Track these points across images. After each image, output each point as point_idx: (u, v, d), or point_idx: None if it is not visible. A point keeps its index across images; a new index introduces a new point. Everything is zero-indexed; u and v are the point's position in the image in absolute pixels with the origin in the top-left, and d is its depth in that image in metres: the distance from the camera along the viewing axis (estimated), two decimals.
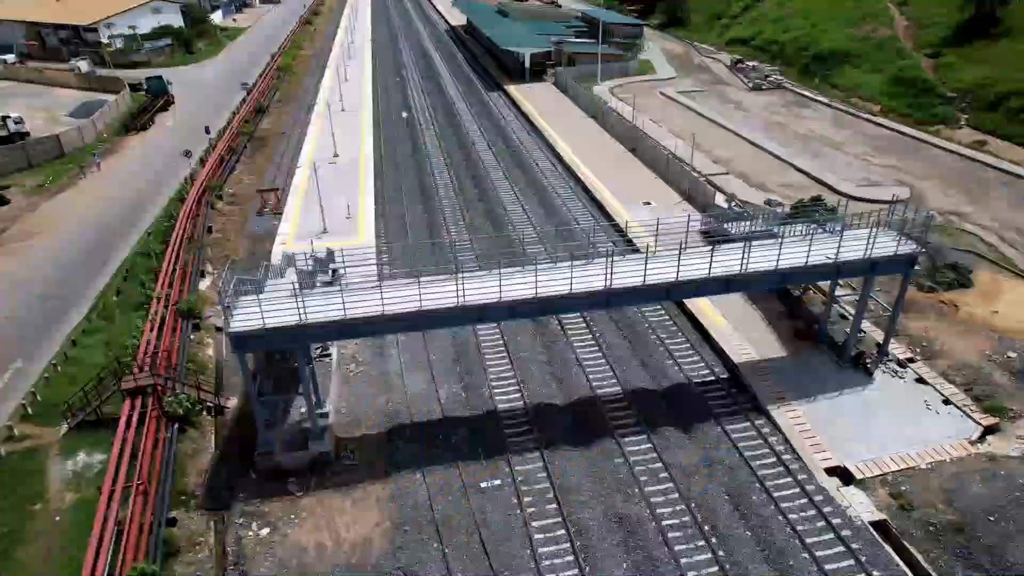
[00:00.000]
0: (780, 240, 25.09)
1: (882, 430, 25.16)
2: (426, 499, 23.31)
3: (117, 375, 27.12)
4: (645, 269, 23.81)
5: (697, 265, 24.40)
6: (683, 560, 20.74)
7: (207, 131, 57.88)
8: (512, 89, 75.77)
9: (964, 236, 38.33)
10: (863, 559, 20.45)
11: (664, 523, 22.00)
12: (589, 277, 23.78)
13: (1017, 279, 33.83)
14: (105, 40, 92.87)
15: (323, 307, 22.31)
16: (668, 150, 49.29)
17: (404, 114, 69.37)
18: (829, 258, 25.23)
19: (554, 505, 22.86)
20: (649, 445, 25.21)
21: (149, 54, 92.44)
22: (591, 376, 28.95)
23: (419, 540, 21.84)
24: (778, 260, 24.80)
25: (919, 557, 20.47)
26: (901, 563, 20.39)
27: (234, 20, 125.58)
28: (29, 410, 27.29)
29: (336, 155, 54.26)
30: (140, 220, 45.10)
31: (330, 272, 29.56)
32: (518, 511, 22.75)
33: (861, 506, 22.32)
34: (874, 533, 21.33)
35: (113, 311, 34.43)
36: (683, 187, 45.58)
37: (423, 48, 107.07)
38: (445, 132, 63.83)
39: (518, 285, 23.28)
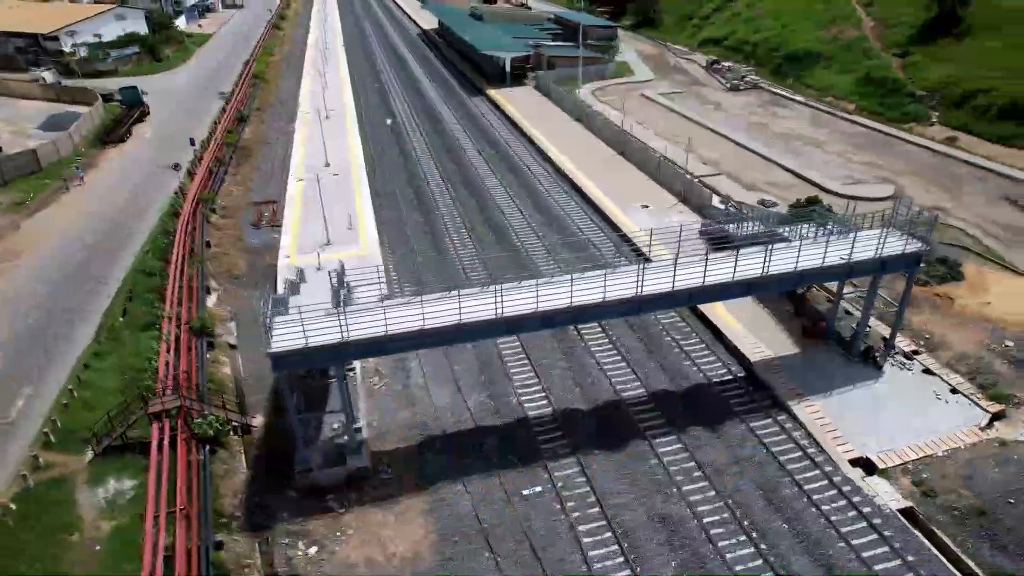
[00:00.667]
0: (799, 243, 26.12)
1: (896, 421, 26.40)
2: (469, 509, 23.66)
3: (143, 399, 26.75)
4: (674, 276, 24.55)
5: (721, 270, 25.25)
6: (728, 556, 21.57)
7: (192, 143, 56.85)
8: (494, 93, 76.12)
9: (948, 230, 40.14)
10: (896, 546, 21.55)
11: (705, 520, 22.79)
12: (619, 285, 24.38)
13: (1002, 271, 35.67)
14: (68, 49, 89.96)
15: (364, 324, 22.46)
16: (660, 153, 50.26)
17: (388, 120, 69.07)
18: (843, 259, 26.38)
19: (597, 508, 23.46)
20: (680, 445, 26.01)
21: (116, 63, 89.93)
22: (613, 380, 29.63)
23: (469, 550, 22.21)
24: (797, 262, 25.84)
25: (948, 541, 21.65)
26: (932, 548, 21.54)
27: (199, 26, 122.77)
28: (51, 438, 26.70)
29: (327, 164, 53.84)
30: (131, 236, 44.11)
31: (346, 287, 29.65)
32: (562, 516, 23.28)
33: (887, 495, 23.46)
34: (903, 520, 22.47)
35: (121, 332, 33.78)
36: (677, 189, 46.65)
37: (397, 52, 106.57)
38: (432, 138, 63.90)
39: (552, 295, 23.77)
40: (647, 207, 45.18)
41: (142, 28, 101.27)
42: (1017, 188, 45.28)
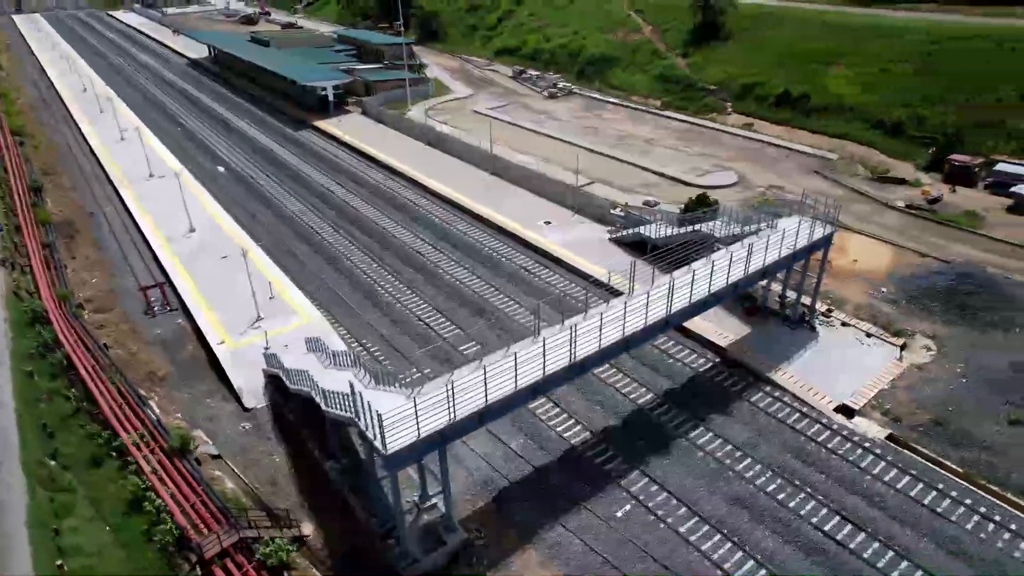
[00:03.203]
0: (766, 242, 31.25)
1: (843, 368, 33.02)
2: (580, 545, 24.90)
3: (188, 545, 23.16)
4: (691, 291, 28.05)
5: (719, 277, 29.37)
6: (802, 512, 25.79)
7: None
8: (322, 124, 73.18)
9: (796, 205, 49.28)
10: (900, 465, 27.64)
11: (768, 490, 26.82)
12: (655, 309, 27.15)
13: (848, 232, 45.23)
14: None
15: (463, 399, 22.35)
16: (537, 169, 53.60)
17: (220, 168, 63.20)
18: (789, 248, 32.24)
19: (683, 509, 26.21)
20: (711, 434, 29.79)
21: None
22: (623, 391, 32.43)
23: None
24: (764, 258, 30.99)
25: (928, 452, 28.32)
26: (922, 460, 28.00)
27: None
28: None
29: (192, 229, 48.24)
30: None
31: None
32: (660, 524, 25.65)
33: (872, 429, 29.68)
34: (894, 445, 28.77)
35: (62, 478, 28.03)
36: (569, 202, 50.41)
37: (180, 89, 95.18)
38: (285, 181, 60.02)
39: (609, 331, 25.75)
40: (550, 223, 48.32)
41: None
42: (811, 161, 56.95)
